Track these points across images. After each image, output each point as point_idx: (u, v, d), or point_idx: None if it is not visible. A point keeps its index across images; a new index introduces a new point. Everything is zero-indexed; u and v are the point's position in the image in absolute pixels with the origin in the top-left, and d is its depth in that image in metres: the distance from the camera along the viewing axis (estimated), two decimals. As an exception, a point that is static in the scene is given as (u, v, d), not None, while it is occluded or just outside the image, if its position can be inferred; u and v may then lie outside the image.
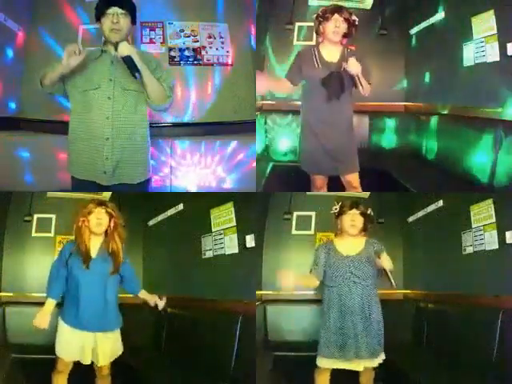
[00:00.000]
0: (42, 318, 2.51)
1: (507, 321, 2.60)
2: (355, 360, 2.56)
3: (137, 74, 2.46)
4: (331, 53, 2.88)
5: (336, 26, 2.77)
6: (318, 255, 2.70)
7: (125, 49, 2.46)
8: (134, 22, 2.63)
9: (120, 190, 2.70)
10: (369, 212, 2.62)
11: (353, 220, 2.59)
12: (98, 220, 2.55)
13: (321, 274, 2.66)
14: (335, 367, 2.62)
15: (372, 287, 2.63)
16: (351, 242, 2.65)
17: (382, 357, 2.64)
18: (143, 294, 2.83)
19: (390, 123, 4.65)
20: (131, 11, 2.59)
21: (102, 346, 2.60)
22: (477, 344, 2.74)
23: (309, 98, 2.98)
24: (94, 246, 2.60)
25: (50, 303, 2.55)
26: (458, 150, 3.63)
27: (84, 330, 2.56)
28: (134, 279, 2.78)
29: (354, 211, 2.60)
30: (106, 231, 2.60)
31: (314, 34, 2.99)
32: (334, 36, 2.80)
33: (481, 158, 3.29)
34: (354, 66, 2.71)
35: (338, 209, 2.65)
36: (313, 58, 2.89)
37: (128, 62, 2.45)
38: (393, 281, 2.46)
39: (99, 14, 2.56)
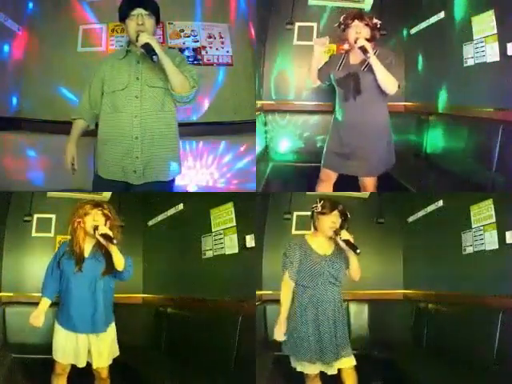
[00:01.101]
0: (37, 316, 2.52)
1: (507, 321, 2.60)
2: (332, 363, 2.49)
3: (155, 58, 2.47)
4: (355, 57, 2.98)
5: (357, 32, 2.85)
6: (292, 254, 2.53)
7: (144, 37, 2.48)
8: (158, 22, 2.66)
9: (151, 188, 2.70)
10: (347, 213, 2.53)
11: (333, 222, 2.49)
12: (94, 222, 2.52)
13: (296, 274, 2.52)
14: (315, 372, 2.55)
15: (340, 287, 2.58)
16: (326, 241, 2.57)
17: (353, 358, 2.54)
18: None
19: (390, 123, 4.64)
20: (155, 12, 2.61)
21: (96, 349, 2.59)
22: (477, 344, 2.74)
23: (336, 99, 3.09)
24: (88, 246, 2.59)
25: (45, 302, 2.56)
26: (457, 149, 3.62)
27: (77, 331, 2.55)
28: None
29: (335, 213, 2.50)
30: None
31: (315, 34, 3.02)
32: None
33: (481, 158, 3.29)
34: (361, 42, 2.80)
35: (319, 208, 2.53)
36: (339, 61, 3.04)
37: (146, 48, 2.48)
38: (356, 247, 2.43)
39: (124, 16, 2.58)
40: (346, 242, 2.43)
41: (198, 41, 4.08)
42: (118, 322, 2.74)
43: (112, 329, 2.69)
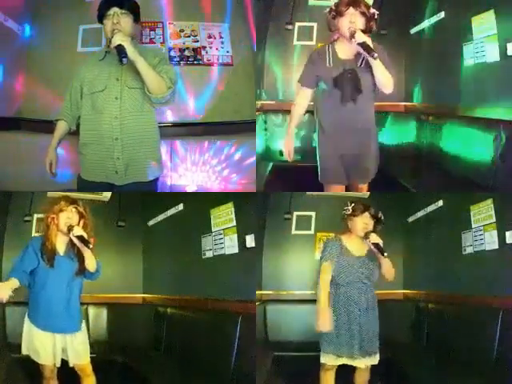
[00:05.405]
0: (3, 289, 2.34)
1: (507, 321, 2.60)
2: (358, 357, 2.59)
3: (124, 60, 2.42)
4: (347, 50, 2.58)
5: (351, 21, 2.46)
6: (331, 246, 2.62)
7: (117, 39, 2.45)
8: (137, 20, 2.63)
9: (133, 188, 2.70)
10: (379, 216, 2.63)
11: (366, 223, 2.59)
12: (68, 219, 2.48)
13: (334, 264, 2.60)
14: (340, 363, 2.63)
15: (373, 288, 2.67)
16: (360, 243, 2.65)
17: (377, 356, 2.67)
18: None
19: (390, 123, 4.65)
20: (133, 10, 2.59)
21: (72, 347, 2.53)
22: (477, 344, 2.74)
23: (323, 101, 2.70)
24: (61, 244, 2.53)
25: (12, 281, 2.39)
26: (458, 149, 3.62)
27: (54, 331, 2.49)
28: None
29: (367, 214, 2.60)
30: None
31: (315, 34, 2.83)
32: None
33: (481, 158, 3.29)
34: (361, 37, 2.42)
35: (350, 210, 2.62)
36: (326, 56, 2.61)
37: (118, 49, 2.43)
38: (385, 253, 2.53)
39: (101, 16, 2.57)
40: (375, 245, 2.52)
41: (197, 41, 4.08)
42: (118, 322, 2.74)
43: (84, 326, 2.63)
